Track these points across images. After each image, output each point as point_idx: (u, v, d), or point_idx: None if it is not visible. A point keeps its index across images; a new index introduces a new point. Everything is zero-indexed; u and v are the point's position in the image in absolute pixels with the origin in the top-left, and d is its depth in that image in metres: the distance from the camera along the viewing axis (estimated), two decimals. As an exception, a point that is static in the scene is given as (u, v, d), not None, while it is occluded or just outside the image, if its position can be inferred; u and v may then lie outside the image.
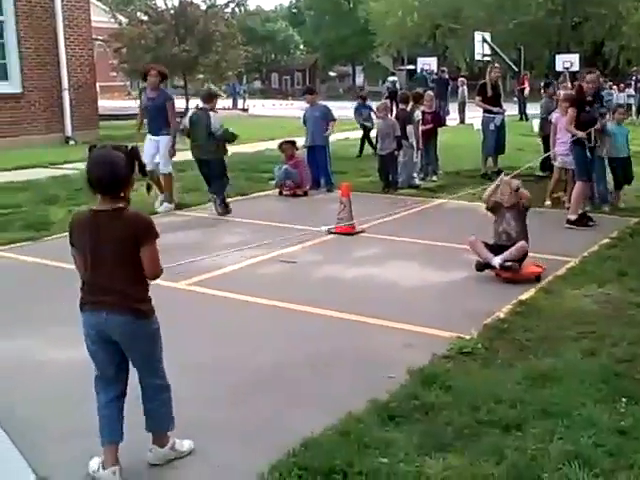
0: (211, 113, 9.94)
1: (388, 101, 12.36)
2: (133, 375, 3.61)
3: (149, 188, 3.57)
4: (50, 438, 3.86)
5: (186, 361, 4.59)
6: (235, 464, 3.61)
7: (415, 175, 12.34)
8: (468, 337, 5.19)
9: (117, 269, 3.39)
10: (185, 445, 3.73)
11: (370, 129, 16.17)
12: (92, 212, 3.42)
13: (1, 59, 17.63)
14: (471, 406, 4.06)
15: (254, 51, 27.42)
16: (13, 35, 17.56)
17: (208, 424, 3.99)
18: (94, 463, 3.53)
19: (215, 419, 4.07)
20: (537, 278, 6.63)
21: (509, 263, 6.57)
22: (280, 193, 11.54)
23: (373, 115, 15.18)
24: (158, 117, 10.05)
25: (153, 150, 10.13)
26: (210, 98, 10.19)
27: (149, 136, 10.26)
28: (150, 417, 3.65)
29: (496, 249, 6.74)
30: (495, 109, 12.91)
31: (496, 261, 6.60)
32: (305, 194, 11.51)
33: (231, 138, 10.02)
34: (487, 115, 13.05)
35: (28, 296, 6.40)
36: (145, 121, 10.62)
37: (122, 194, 3.39)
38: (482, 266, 6.71)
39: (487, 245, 6.82)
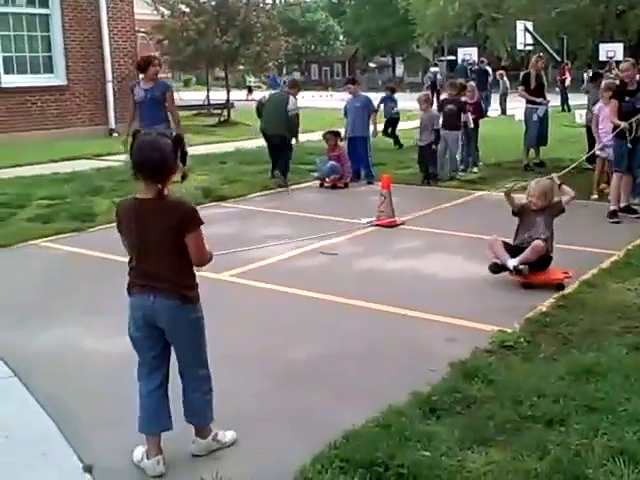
0: (291, 98, 11.16)
1: (429, 92, 12.28)
2: (173, 366, 3.65)
3: (184, 177, 3.59)
4: (95, 426, 3.93)
5: (227, 352, 4.63)
6: (277, 455, 3.64)
7: (458, 168, 12.27)
8: (510, 331, 5.16)
9: (164, 257, 3.42)
10: (228, 436, 3.76)
11: (397, 121, 16.05)
12: (137, 200, 3.44)
13: (47, 52, 17.91)
14: (513, 400, 4.04)
15: (294, 42, 27.29)
16: (58, 28, 17.82)
17: (250, 415, 4.03)
18: (138, 452, 3.59)
19: (257, 410, 4.10)
20: (559, 286, 6.10)
21: (522, 266, 6.10)
22: (321, 185, 11.56)
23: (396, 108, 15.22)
24: (157, 111, 9.01)
25: None
26: (294, 85, 11.59)
27: None
28: (191, 408, 3.66)
29: (517, 252, 6.27)
30: (539, 100, 12.74)
31: (511, 263, 6.17)
32: (346, 186, 11.51)
33: (297, 123, 11.29)
34: (530, 106, 12.88)
35: (73, 286, 6.51)
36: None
37: (166, 181, 3.40)
38: (497, 268, 6.29)
39: (508, 246, 6.39)
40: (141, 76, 9.35)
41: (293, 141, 11.52)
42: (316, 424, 3.91)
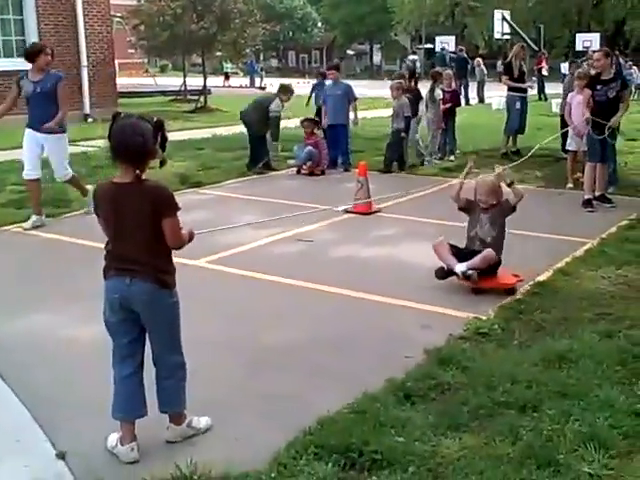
0: (277, 99, 11.41)
1: (403, 80, 12.29)
2: (148, 354, 3.64)
3: (162, 163, 3.57)
4: (69, 413, 3.91)
5: (201, 338, 4.61)
6: (251, 441, 3.64)
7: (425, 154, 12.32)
8: (484, 318, 5.20)
9: (140, 241, 3.40)
10: (202, 422, 3.76)
11: None
12: (114, 184, 3.42)
13: (20, 36, 17.66)
14: (487, 386, 4.08)
15: (272, 28, 27.11)
16: (32, 12, 17.57)
17: (224, 402, 4.03)
18: (112, 439, 3.58)
19: (231, 397, 4.10)
20: (509, 291, 5.78)
21: (471, 272, 5.72)
22: (298, 172, 11.55)
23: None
24: (47, 107, 7.97)
25: (38, 150, 8.22)
26: (286, 91, 11.61)
27: (30, 131, 8.21)
28: (165, 396, 3.65)
29: (466, 255, 5.87)
30: (525, 85, 12.88)
31: (459, 268, 5.75)
32: (322, 173, 11.50)
33: (275, 131, 11.54)
34: (512, 94, 12.96)
35: (48, 273, 6.46)
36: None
37: (144, 166, 3.38)
38: (444, 273, 5.88)
39: (457, 249, 6.00)
40: (30, 66, 8.27)
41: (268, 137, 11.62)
42: (290, 410, 3.92)
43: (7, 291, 5.95)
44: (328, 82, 12.49)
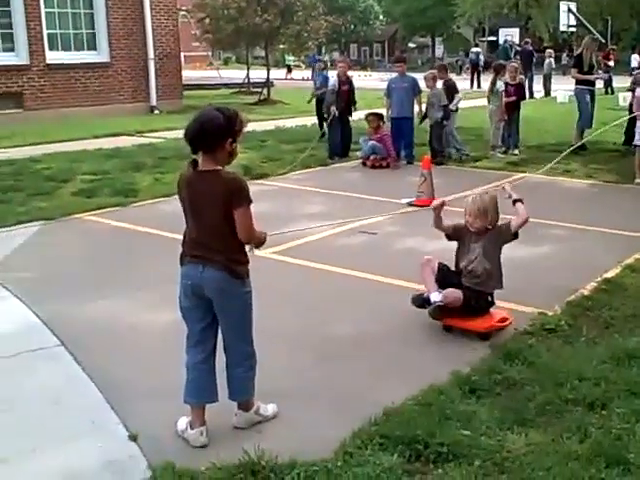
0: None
1: (436, 71, 12.27)
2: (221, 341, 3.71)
3: (231, 155, 3.63)
4: (141, 397, 4.02)
5: (268, 329, 4.66)
6: (317, 430, 3.69)
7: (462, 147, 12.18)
8: (551, 313, 5.15)
9: (214, 228, 3.47)
10: (269, 409, 3.82)
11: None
12: (193, 172, 3.52)
13: (90, 29, 18.08)
14: (554, 383, 4.04)
15: (334, 21, 27.09)
16: (102, 6, 17.97)
17: (290, 391, 4.09)
18: (182, 423, 3.66)
19: (297, 386, 4.16)
20: (483, 336, 4.75)
21: (432, 306, 4.87)
22: (363, 164, 11.55)
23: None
24: None
25: None
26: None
27: None
28: (234, 385, 3.71)
29: (454, 282, 4.94)
30: (593, 77, 12.63)
31: (434, 297, 4.86)
32: (387, 166, 11.48)
33: None
34: (581, 87, 12.72)
35: (117, 260, 6.62)
36: None
37: (219, 156, 3.43)
38: (420, 301, 4.95)
39: (444, 273, 5.04)
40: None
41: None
42: (356, 401, 3.96)
43: (79, 277, 6.13)
44: (394, 75, 12.41)
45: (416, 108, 11.91)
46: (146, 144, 13.42)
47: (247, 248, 3.58)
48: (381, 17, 73.62)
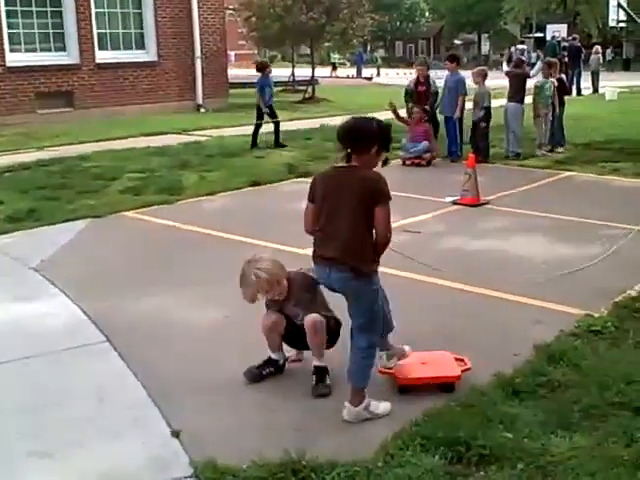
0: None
1: (486, 67, 12.16)
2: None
3: (385, 162, 3.79)
4: (184, 393, 4.06)
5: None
6: (359, 430, 3.69)
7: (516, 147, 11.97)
8: (597, 315, 5.05)
9: (350, 223, 3.59)
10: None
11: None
12: (334, 168, 3.69)
13: (139, 29, 18.33)
14: (600, 386, 3.96)
15: (380, 19, 27.05)
16: (150, 5, 18.21)
17: (336, 389, 4.09)
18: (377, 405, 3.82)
19: (339, 386, 4.13)
20: (445, 388, 4.05)
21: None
22: (403, 163, 11.46)
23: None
24: None
25: None
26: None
27: None
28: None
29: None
30: None
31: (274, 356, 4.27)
32: (429, 164, 11.40)
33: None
34: None
35: (163, 257, 6.69)
36: None
37: (365, 156, 3.60)
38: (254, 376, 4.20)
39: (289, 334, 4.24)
40: None
41: None
42: (397, 401, 3.94)
43: (125, 274, 6.21)
44: (446, 73, 12.33)
45: (458, 108, 11.77)
46: (192, 142, 13.55)
47: None
48: (427, 14, 73.15)
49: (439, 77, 12.57)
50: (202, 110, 19.00)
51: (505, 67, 13.67)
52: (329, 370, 4.14)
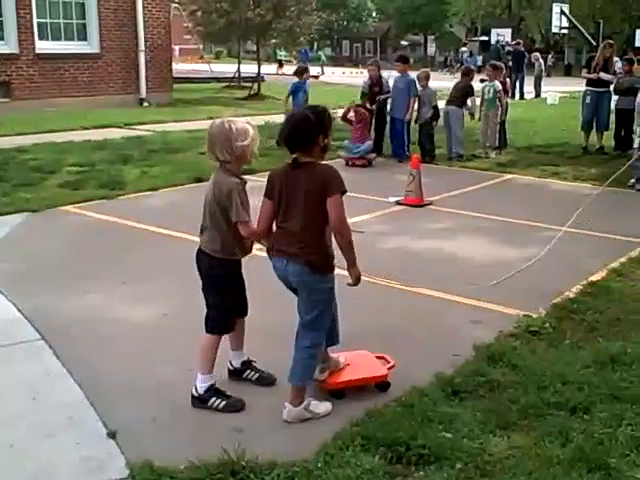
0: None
1: (429, 69, 12.42)
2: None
3: (325, 149, 3.76)
4: (121, 393, 3.98)
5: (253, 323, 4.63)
6: (298, 430, 3.66)
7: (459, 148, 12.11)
8: (535, 316, 5.13)
9: (306, 219, 3.59)
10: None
11: None
12: (289, 165, 3.67)
13: (81, 19, 17.96)
14: (537, 386, 4.02)
15: (327, 17, 27.11)
16: (93, -5, 17.85)
17: (273, 388, 4.06)
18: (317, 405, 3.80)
19: (280, 384, 4.10)
20: (380, 386, 4.06)
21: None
22: (347, 163, 11.43)
23: None
24: None
25: None
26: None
27: None
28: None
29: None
30: (608, 77, 12.38)
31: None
32: (370, 164, 11.40)
33: None
34: (587, 88, 12.74)
35: (101, 253, 6.56)
36: None
37: (314, 152, 3.63)
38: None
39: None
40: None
41: None
42: (337, 401, 3.92)
43: (62, 270, 6.07)
44: (395, 74, 12.38)
45: (410, 110, 11.85)
46: (134, 137, 13.35)
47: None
48: (374, 14, 73.64)
49: (392, 77, 12.63)
50: (145, 104, 18.74)
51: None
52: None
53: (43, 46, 17.15)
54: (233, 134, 3.71)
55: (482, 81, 13.03)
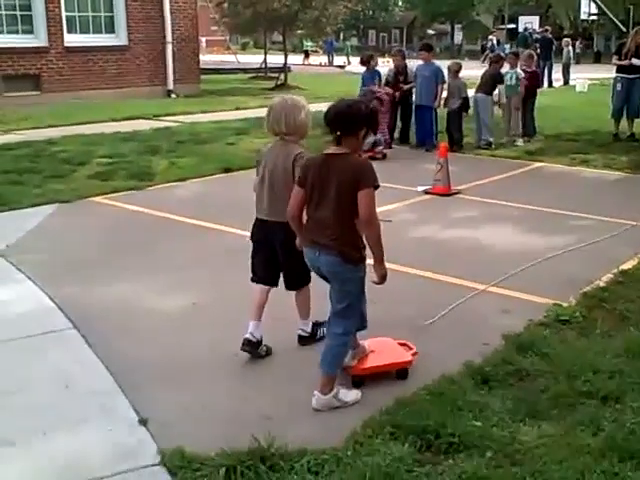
0: None
1: (459, 61, 12.31)
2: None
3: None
4: (152, 381, 4.01)
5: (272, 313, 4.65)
6: (328, 418, 3.67)
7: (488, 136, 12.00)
8: (566, 304, 5.09)
9: (339, 210, 3.60)
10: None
11: None
12: (324, 155, 3.67)
13: (109, 12, 18.05)
14: (568, 375, 3.99)
15: (353, 7, 26.99)
16: (120, -12, 17.93)
17: (302, 378, 4.06)
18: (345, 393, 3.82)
19: (309, 373, 4.11)
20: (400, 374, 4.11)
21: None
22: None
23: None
24: None
25: None
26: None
27: None
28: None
29: None
30: (625, 62, 12.20)
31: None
32: (384, 157, 10.99)
33: None
34: (616, 74, 12.56)
35: (132, 243, 6.61)
36: None
37: (351, 139, 3.62)
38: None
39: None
40: None
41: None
42: (366, 389, 3.93)
43: (92, 260, 6.12)
44: (419, 62, 12.30)
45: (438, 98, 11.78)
46: (162, 128, 13.41)
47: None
48: (400, 3, 73.18)
49: (414, 66, 12.53)
50: (173, 96, 18.81)
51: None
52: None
53: (72, 39, 17.27)
54: (295, 108, 4.05)
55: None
